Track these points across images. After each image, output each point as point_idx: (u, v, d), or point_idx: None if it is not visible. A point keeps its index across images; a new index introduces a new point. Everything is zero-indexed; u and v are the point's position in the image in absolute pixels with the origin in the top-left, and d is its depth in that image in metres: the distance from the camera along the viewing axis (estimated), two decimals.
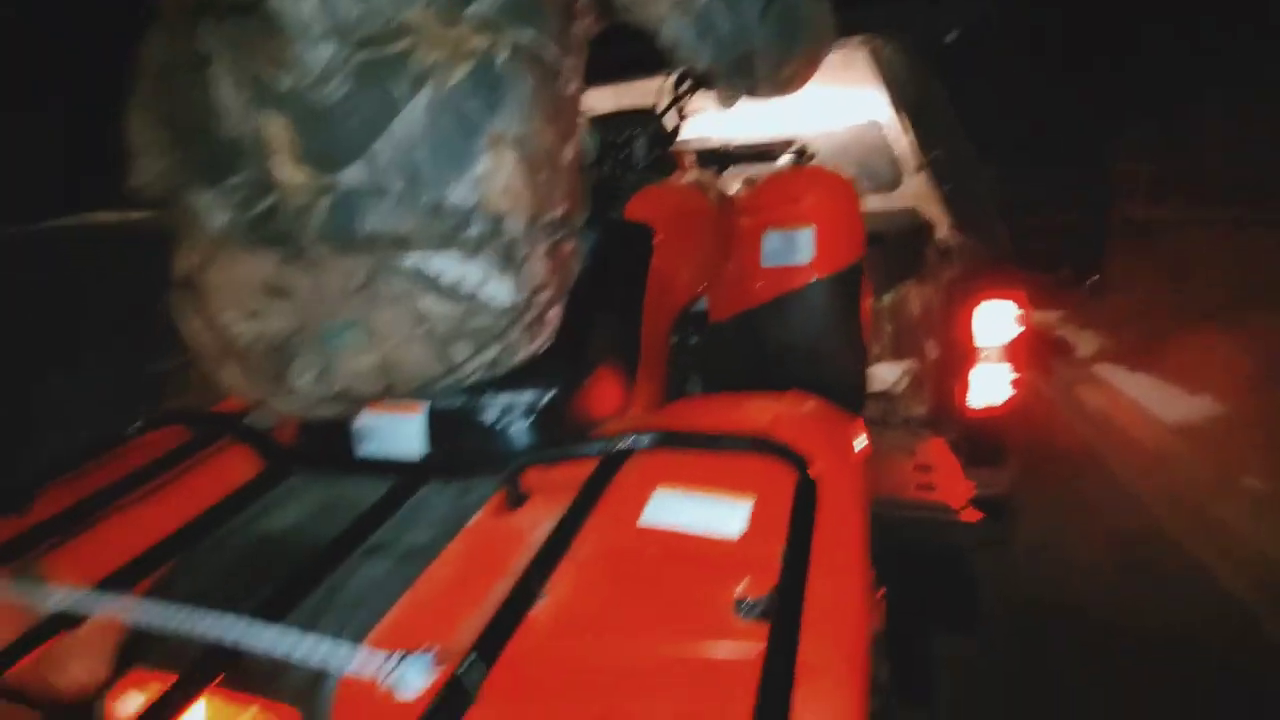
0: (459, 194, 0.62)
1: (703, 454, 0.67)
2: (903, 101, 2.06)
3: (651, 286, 1.09)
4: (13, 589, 0.59)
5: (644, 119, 1.34)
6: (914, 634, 1.90)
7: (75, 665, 0.57)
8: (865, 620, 0.50)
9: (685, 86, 1.41)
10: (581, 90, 0.74)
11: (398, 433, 0.74)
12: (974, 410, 1.83)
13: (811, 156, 1.66)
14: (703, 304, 1.55)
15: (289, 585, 0.56)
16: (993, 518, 1.76)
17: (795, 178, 1.53)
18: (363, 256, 0.63)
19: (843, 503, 0.59)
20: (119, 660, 0.58)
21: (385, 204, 0.61)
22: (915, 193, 2.43)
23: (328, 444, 0.78)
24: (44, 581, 0.64)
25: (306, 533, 0.68)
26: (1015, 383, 1.85)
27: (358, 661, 0.43)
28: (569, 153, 0.71)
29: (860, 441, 0.76)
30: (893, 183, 2.60)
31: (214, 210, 0.64)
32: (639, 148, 1.32)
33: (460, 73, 0.61)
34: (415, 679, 0.42)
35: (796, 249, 1.43)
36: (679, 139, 1.42)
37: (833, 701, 0.43)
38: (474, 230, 0.63)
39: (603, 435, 0.75)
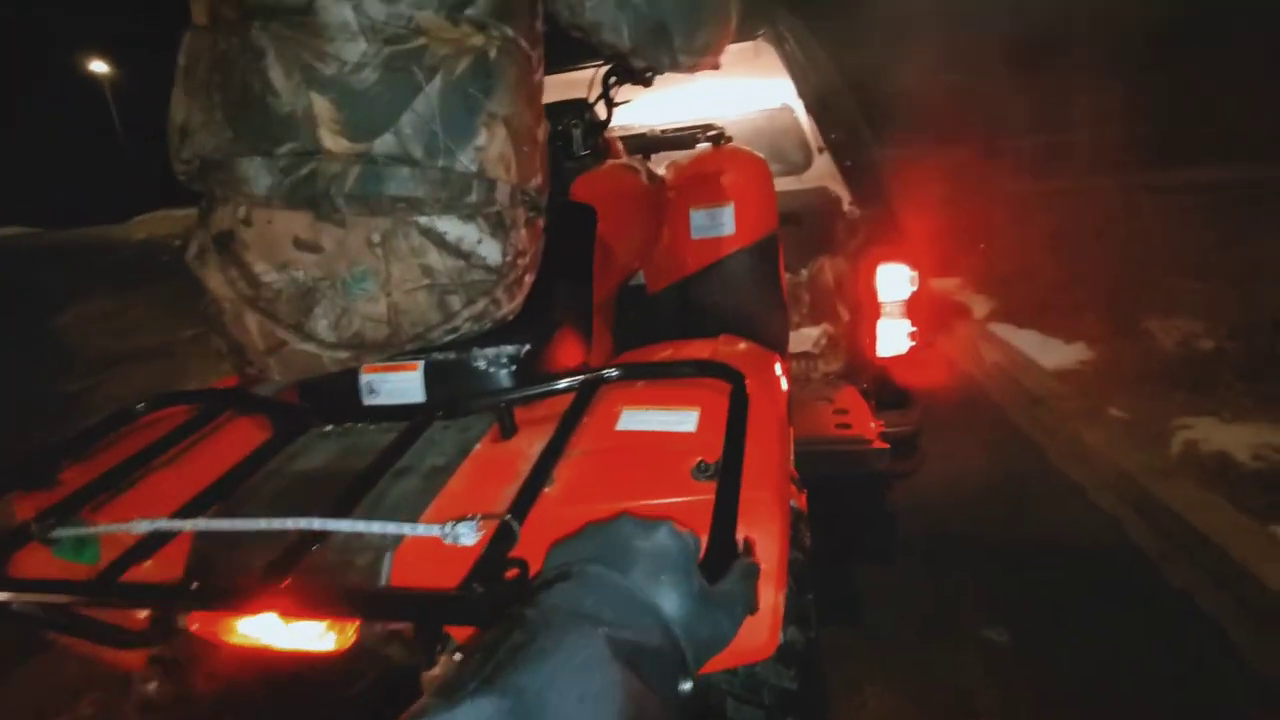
0: (464, 161, 0.76)
1: (657, 383, 0.84)
2: (805, 89, 2.29)
3: (597, 258, 1.25)
4: (83, 529, 0.69)
5: (578, 108, 1.48)
6: (842, 567, 2.17)
7: (151, 588, 0.68)
8: (785, 480, 0.69)
9: (613, 80, 1.56)
10: (543, 79, 0.89)
11: (400, 384, 0.88)
12: (881, 359, 2.10)
13: (729, 140, 1.85)
14: (640, 279, 1.72)
15: (338, 500, 0.69)
16: (902, 452, 2.03)
17: (715, 158, 1.72)
18: (384, 217, 0.76)
19: (766, 405, 0.78)
20: (189, 581, 0.69)
21: (405, 171, 0.75)
22: (823, 173, 2.68)
23: (336, 401, 0.90)
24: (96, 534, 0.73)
25: (335, 469, 0.80)
26: (913, 335, 2.13)
27: (420, 530, 0.58)
28: (541, 132, 0.87)
29: (780, 369, 0.95)
30: (804, 164, 2.85)
31: (261, 175, 0.76)
32: (576, 135, 1.47)
33: (464, 64, 0.76)
34: (469, 533, 0.57)
35: (720, 223, 1.62)
36: (610, 127, 1.58)
37: (766, 523, 0.62)
38: (473, 196, 0.78)
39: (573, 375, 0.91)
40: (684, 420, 0.75)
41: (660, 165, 1.84)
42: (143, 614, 0.72)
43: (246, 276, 0.80)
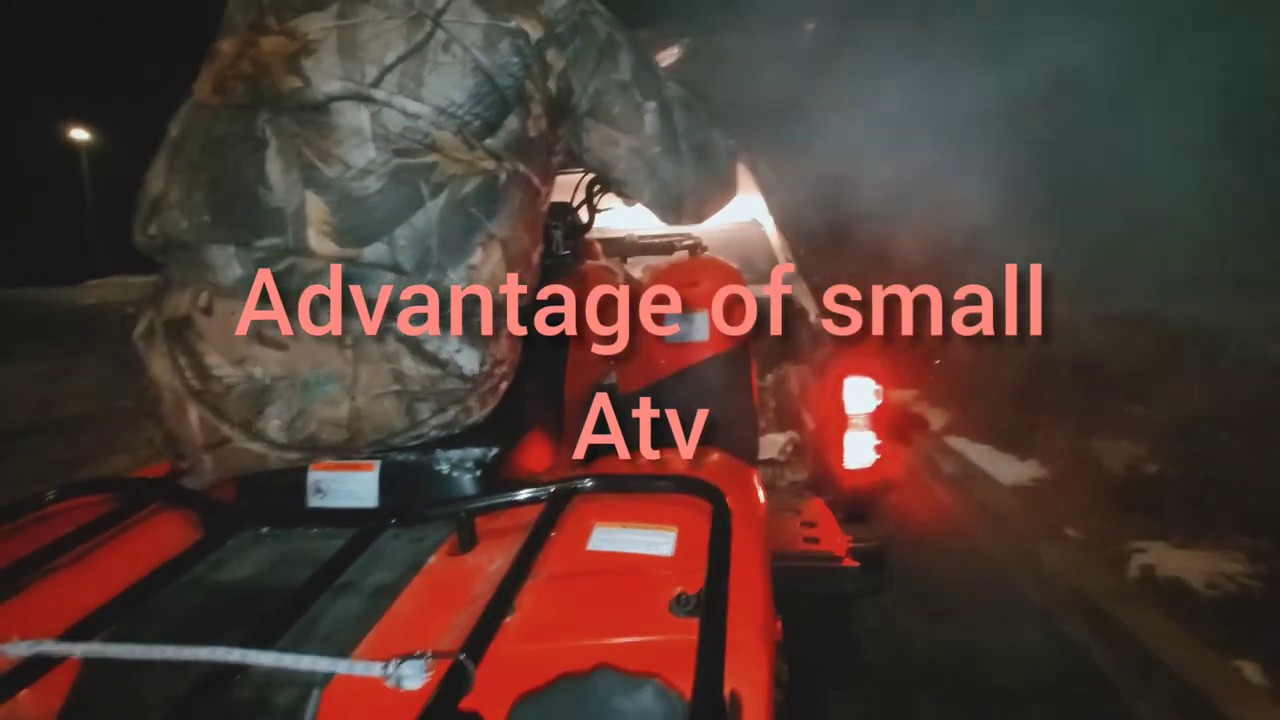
0: (454, 276, 0.74)
1: (630, 497, 0.79)
2: (774, 206, 2.41)
3: (571, 360, 1.23)
4: None
5: (562, 211, 1.51)
6: (804, 697, 2.04)
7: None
8: (770, 613, 0.64)
9: (597, 188, 1.60)
10: (549, 207, 0.91)
11: (352, 486, 0.80)
12: (847, 471, 2.08)
13: (705, 249, 1.90)
14: (613, 378, 1.70)
15: (267, 620, 0.60)
16: (869, 568, 1.97)
17: (690, 265, 1.76)
18: (359, 319, 0.72)
19: (748, 528, 0.73)
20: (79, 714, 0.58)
21: (389, 278, 0.72)
22: (789, 283, 2.78)
23: (277, 500, 0.82)
24: None
25: (267, 582, 0.71)
26: (878, 448, 2.13)
27: (358, 668, 0.50)
28: (536, 255, 0.87)
29: (757, 484, 0.92)
30: (770, 274, 2.95)
31: (232, 265, 0.72)
32: (557, 237, 1.49)
33: (471, 185, 0.75)
34: (414, 675, 0.49)
35: (694, 328, 1.63)
36: (592, 230, 1.61)
37: (752, 670, 0.56)
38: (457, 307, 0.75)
39: (541, 485, 0.86)
40: (661, 542, 0.70)
41: (637, 269, 1.87)
42: None
43: (196, 367, 0.74)
